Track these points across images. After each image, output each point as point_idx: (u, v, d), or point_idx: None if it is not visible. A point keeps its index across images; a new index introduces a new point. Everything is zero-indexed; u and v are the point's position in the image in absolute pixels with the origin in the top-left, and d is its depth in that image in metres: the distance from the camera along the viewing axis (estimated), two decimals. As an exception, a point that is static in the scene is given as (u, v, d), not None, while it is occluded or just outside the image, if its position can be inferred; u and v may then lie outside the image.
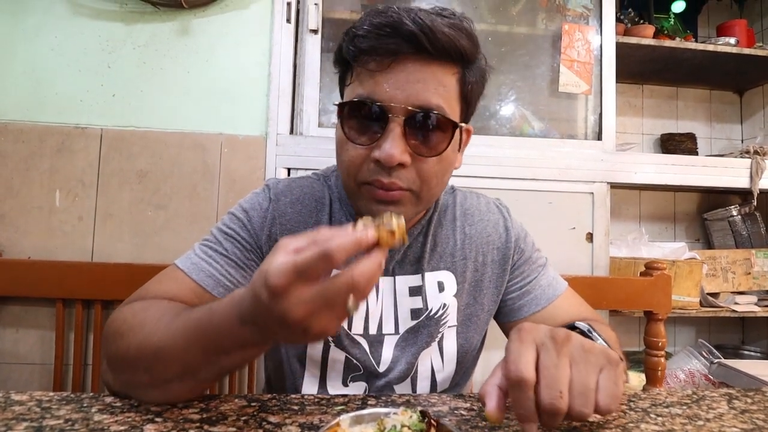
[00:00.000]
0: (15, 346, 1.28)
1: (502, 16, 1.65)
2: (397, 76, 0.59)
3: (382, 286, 0.73)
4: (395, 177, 0.60)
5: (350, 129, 0.61)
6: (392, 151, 0.58)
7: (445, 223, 0.77)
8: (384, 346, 0.72)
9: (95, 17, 1.38)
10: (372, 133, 0.60)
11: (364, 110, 0.60)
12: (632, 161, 1.59)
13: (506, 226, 0.79)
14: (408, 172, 0.60)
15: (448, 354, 0.74)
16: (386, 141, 0.58)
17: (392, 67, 0.59)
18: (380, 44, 0.58)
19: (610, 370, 0.44)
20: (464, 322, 0.75)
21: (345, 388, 0.72)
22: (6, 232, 1.31)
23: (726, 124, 2.27)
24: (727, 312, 1.74)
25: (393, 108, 0.58)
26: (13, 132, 1.32)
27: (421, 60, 0.59)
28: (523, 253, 0.79)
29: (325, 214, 0.73)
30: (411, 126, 0.59)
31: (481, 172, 1.47)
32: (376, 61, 0.59)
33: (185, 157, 1.37)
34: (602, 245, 1.53)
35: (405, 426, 0.42)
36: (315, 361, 0.71)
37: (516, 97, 1.67)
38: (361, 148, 0.61)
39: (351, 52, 0.61)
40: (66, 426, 0.46)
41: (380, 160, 0.58)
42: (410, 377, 0.73)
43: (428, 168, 0.62)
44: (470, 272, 0.76)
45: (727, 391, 0.63)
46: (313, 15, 1.44)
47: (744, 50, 1.85)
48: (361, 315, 0.72)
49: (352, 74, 0.63)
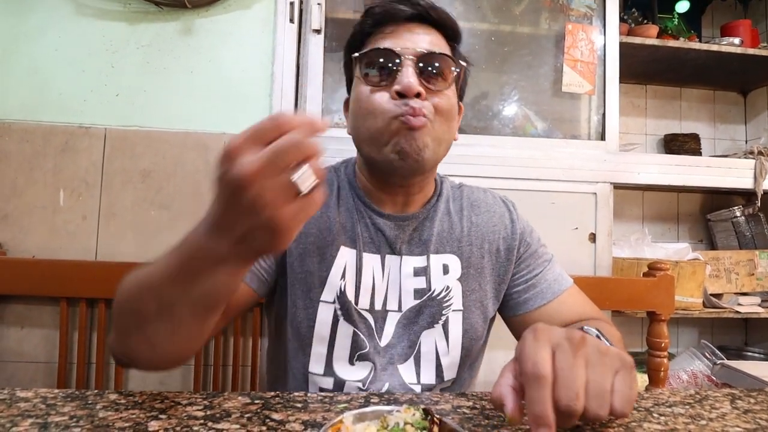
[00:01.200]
0: (19, 344, 1.29)
1: (505, 16, 1.65)
2: (405, 34, 0.70)
3: (389, 263, 0.76)
4: (419, 106, 0.67)
5: (368, 78, 0.70)
6: (410, 79, 0.67)
7: (452, 212, 0.81)
8: (387, 322, 0.75)
9: (99, 17, 1.38)
10: (389, 75, 0.69)
11: (379, 56, 0.69)
12: (635, 162, 1.58)
13: (512, 219, 0.82)
14: (426, 103, 0.68)
15: (453, 338, 0.75)
16: (403, 75, 0.67)
17: (401, 27, 0.71)
18: (393, 9, 0.70)
19: (625, 373, 0.43)
20: (469, 307, 0.77)
21: (351, 366, 0.73)
22: (10, 232, 1.31)
23: (730, 125, 2.27)
24: (730, 313, 1.73)
25: (404, 50, 0.68)
26: (17, 132, 1.33)
27: (425, 27, 0.72)
28: (529, 247, 0.81)
29: (333, 196, 0.78)
30: (420, 65, 0.68)
31: (484, 172, 1.47)
32: (388, 24, 0.71)
33: (188, 156, 1.37)
34: (605, 245, 1.52)
35: (408, 423, 0.42)
36: (323, 338, 0.73)
37: (519, 97, 1.67)
38: (382, 90, 0.69)
39: (367, 24, 0.72)
40: (71, 422, 0.46)
41: (401, 89, 0.67)
42: (413, 357, 0.74)
43: (439, 102, 0.70)
44: (476, 258, 0.78)
45: (730, 391, 0.63)
46: (316, 15, 1.44)
47: (748, 50, 1.84)
48: (368, 290, 0.74)
49: (365, 46, 0.72)
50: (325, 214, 0.76)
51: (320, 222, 0.75)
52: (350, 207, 0.77)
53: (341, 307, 0.73)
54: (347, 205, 0.78)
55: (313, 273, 0.74)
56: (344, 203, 0.78)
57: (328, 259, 0.74)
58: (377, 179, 0.76)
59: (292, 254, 0.74)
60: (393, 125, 0.67)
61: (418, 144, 0.67)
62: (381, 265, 0.75)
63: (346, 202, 0.78)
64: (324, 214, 0.76)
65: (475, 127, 1.62)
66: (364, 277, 0.74)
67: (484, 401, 0.56)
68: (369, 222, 0.76)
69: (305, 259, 0.74)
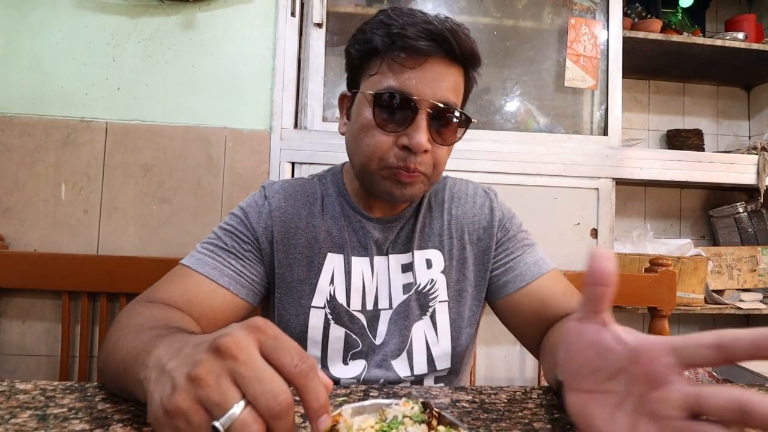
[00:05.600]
0: (21, 338, 1.30)
1: (507, 10, 1.64)
2: (426, 74, 0.67)
3: (377, 264, 0.78)
4: (418, 162, 0.69)
5: (380, 116, 0.69)
6: (421, 139, 0.66)
7: (434, 206, 0.83)
8: (380, 320, 0.77)
9: (100, 11, 1.38)
10: (401, 122, 0.68)
11: (395, 101, 0.67)
12: (638, 157, 1.58)
13: (491, 207, 0.84)
14: (427, 157, 0.69)
15: (441, 328, 0.78)
16: (416, 130, 0.67)
17: (424, 65, 0.67)
18: (416, 43, 0.66)
19: None
20: (455, 297, 0.79)
21: (345, 366, 0.76)
22: (12, 225, 1.31)
23: (733, 121, 2.25)
24: (731, 309, 1.73)
25: (421, 102, 0.67)
26: (18, 125, 1.33)
27: (446, 61, 0.69)
28: (507, 232, 0.83)
29: (317, 205, 0.80)
30: (433, 118, 0.68)
31: (486, 167, 1.47)
32: (409, 57, 0.67)
33: (190, 150, 1.37)
34: (607, 241, 1.52)
35: (407, 416, 0.42)
36: (316, 342, 0.75)
37: (521, 92, 1.66)
38: (389, 134, 0.69)
39: (386, 45, 0.68)
40: (70, 414, 0.46)
41: (410, 146, 0.67)
42: (406, 351, 0.76)
43: (441, 155, 0.71)
44: (457, 250, 0.81)
45: (730, 386, 0.62)
46: (318, 8, 1.44)
47: (752, 45, 1.83)
48: (358, 291, 0.76)
49: (380, 65, 0.69)
50: (311, 224, 0.78)
51: (307, 232, 0.78)
52: (336, 214, 0.79)
53: (331, 311, 0.75)
54: (333, 212, 0.80)
55: (302, 281, 0.76)
56: (329, 211, 0.80)
57: (315, 267, 0.76)
58: (367, 189, 0.77)
59: (282, 265, 0.77)
60: (385, 173, 0.70)
61: (406, 192, 0.71)
62: (370, 266, 0.78)
63: (332, 210, 0.80)
64: (310, 224, 0.78)
65: (477, 122, 1.61)
66: (354, 280, 0.77)
67: (483, 395, 0.56)
68: (358, 226, 0.79)
69: (294, 269, 0.77)
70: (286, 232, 0.77)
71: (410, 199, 0.73)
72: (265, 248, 0.76)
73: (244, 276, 0.74)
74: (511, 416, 0.50)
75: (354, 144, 0.73)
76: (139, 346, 0.46)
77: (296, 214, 0.78)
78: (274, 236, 0.76)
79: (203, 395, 0.32)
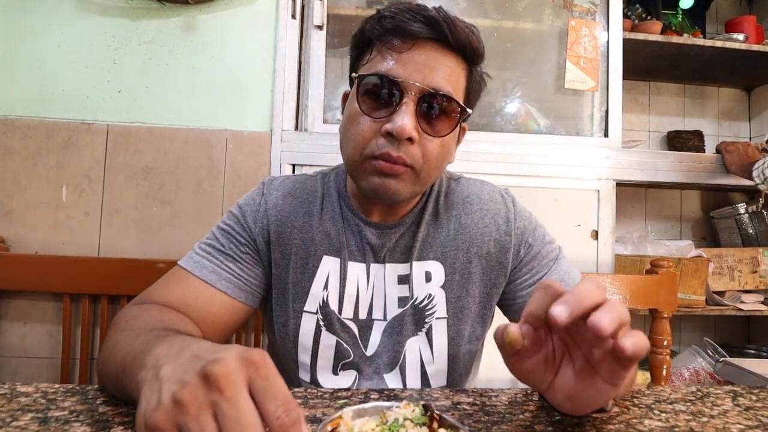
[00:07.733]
0: (22, 340, 1.30)
1: (507, 12, 1.64)
2: (415, 58, 0.63)
3: (373, 272, 0.74)
4: (402, 151, 0.63)
5: (365, 102, 0.65)
6: (404, 123, 0.61)
7: (440, 212, 0.77)
8: (373, 331, 0.73)
9: (101, 14, 1.38)
10: (386, 107, 0.64)
11: (380, 85, 0.63)
12: (638, 159, 1.58)
13: (508, 218, 0.76)
14: (414, 148, 0.64)
15: (437, 346, 0.73)
16: (399, 115, 0.62)
17: (413, 49, 0.63)
18: (405, 26, 0.62)
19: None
20: (455, 314, 0.73)
21: (335, 377, 0.73)
22: (13, 228, 1.32)
23: (734, 122, 2.25)
24: (733, 311, 1.72)
25: (408, 85, 0.62)
26: (20, 128, 1.33)
27: (438, 48, 0.64)
28: (530, 249, 0.76)
29: (317, 205, 0.76)
30: (422, 105, 0.63)
31: (486, 169, 1.47)
32: (399, 40, 0.64)
33: (191, 152, 1.38)
34: (607, 243, 1.52)
35: (407, 419, 0.42)
36: (306, 349, 0.73)
37: (521, 94, 1.66)
38: (373, 121, 0.64)
39: (376, 31, 0.65)
40: (71, 417, 0.46)
41: (392, 131, 0.62)
42: (399, 366, 0.72)
43: (432, 148, 0.65)
44: (461, 264, 0.74)
45: (731, 388, 0.62)
46: (318, 11, 1.44)
47: (753, 47, 1.82)
48: (352, 299, 0.73)
49: (371, 53, 0.67)
50: (308, 223, 0.74)
51: (303, 232, 0.74)
52: (336, 215, 0.75)
53: (323, 318, 0.72)
54: (332, 213, 0.75)
55: (296, 283, 0.73)
56: (329, 211, 0.76)
57: (310, 270, 0.73)
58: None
59: (279, 265, 0.74)
60: (366, 164, 0.65)
61: (390, 188, 0.65)
62: (366, 274, 0.74)
63: (332, 210, 0.76)
64: (306, 224, 0.74)
65: (477, 123, 1.61)
66: (348, 287, 0.73)
67: (484, 398, 0.56)
68: (356, 230, 0.74)
69: (289, 270, 0.74)
70: (281, 231, 0.74)
71: (395, 197, 0.66)
72: (262, 248, 0.74)
73: (242, 279, 0.72)
74: (512, 419, 0.50)
75: (342, 137, 0.69)
76: (138, 347, 0.46)
77: (293, 212, 0.75)
78: (270, 235, 0.74)
79: (182, 422, 0.32)
